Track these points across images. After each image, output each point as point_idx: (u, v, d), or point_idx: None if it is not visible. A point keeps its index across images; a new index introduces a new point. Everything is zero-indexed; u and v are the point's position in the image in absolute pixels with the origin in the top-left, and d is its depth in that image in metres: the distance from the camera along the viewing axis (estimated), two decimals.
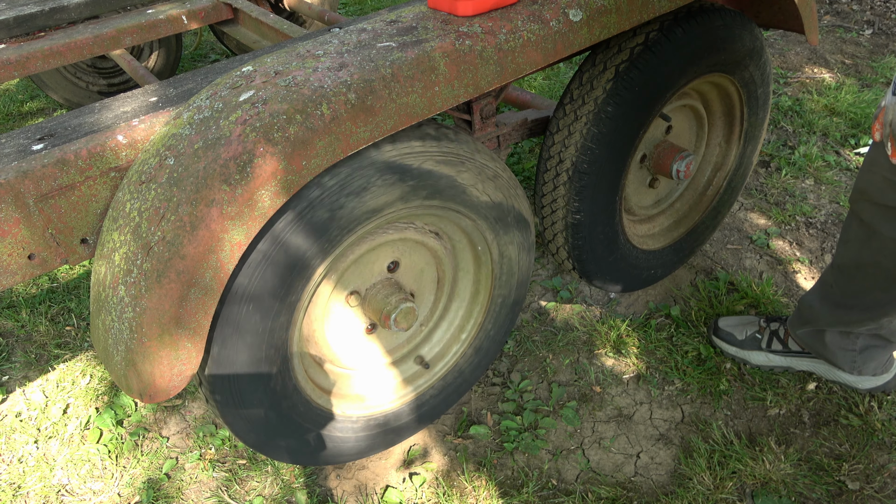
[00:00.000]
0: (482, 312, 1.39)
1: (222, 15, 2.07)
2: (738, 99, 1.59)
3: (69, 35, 1.78)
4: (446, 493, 1.38)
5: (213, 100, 0.93)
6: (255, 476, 1.44)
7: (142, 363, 0.90)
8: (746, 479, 1.37)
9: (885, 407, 1.48)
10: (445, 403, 1.45)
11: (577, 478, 1.40)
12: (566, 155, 1.38)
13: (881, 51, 3.05)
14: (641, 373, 1.61)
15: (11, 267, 0.92)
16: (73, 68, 2.64)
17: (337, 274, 1.15)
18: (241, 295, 0.96)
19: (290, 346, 1.10)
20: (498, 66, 1.02)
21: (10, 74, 1.67)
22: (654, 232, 1.74)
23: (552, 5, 1.07)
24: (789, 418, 1.49)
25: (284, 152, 0.86)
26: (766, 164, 2.31)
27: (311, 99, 0.88)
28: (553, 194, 1.43)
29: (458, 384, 1.44)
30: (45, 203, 0.92)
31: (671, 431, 1.48)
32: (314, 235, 0.98)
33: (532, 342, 1.71)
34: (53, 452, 1.52)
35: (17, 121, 2.95)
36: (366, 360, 1.34)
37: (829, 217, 2.06)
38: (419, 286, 1.33)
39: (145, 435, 1.55)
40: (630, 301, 1.81)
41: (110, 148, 0.96)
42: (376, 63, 0.93)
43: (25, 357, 1.77)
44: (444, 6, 1.06)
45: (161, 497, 1.41)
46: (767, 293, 1.77)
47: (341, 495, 1.40)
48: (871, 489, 1.33)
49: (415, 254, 1.29)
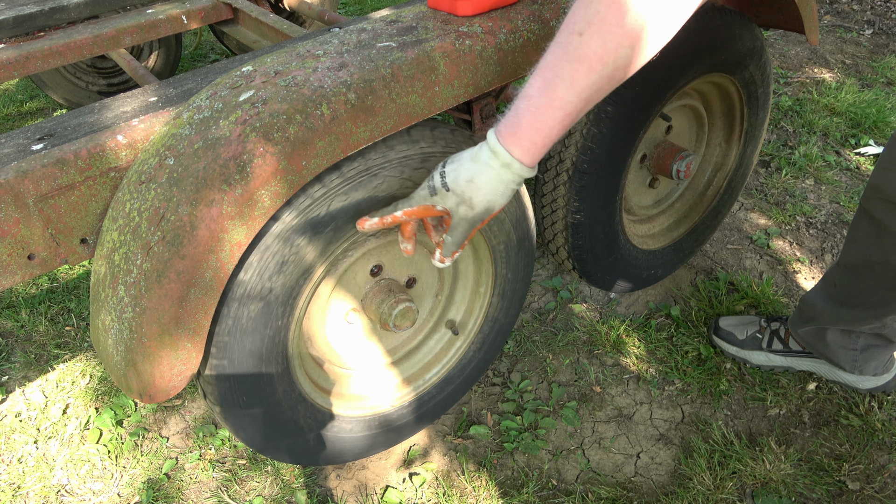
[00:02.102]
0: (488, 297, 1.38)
1: (222, 15, 2.07)
2: (738, 99, 1.59)
3: (69, 35, 1.78)
4: (446, 493, 1.38)
5: (212, 100, 0.93)
6: (255, 476, 1.44)
7: (142, 363, 0.90)
8: (746, 479, 1.37)
9: (885, 407, 1.48)
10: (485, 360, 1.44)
11: (577, 478, 1.40)
12: (566, 155, 1.38)
13: (881, 51, 3.05)
14: (641, 373, 1.61)
15: (11, 267, 0.92)
16: (72, 68, 2.64)
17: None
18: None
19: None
20: (498, 66, 1.02)
21: (10, 74, 1.67)
22: (654, 232, 1.74)
23: (552, 5, 1.07)
24: (789, 418, 1.49)
25: (284, 152, 0.85)
26: (766, 164, 2.31)
27: (311, 99, 0.87)
28: (553, 194, 1.43)
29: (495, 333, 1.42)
30: (45, 203, 0.92)
31: (671, 431, 1.48)
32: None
33: (532, 342, 1.71)
34: (53, 452, 1.52)
35: (17, 121, 2.95)
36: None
37: (829, 217, 2.05)
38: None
39: (145, 435, 1.54)
40: (630, 301, 1.81)
41: (110, 148, 0.96)
42: (376, 63, 0.93)
43: (25, 357, 1.77)
44: (444, 6, 1.06)
45: (161, 497, 1.41)
46: (767, 293, 1.77)
47: (341, 495, 1.40)
48: (871, 489, 1.33)
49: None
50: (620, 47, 0.73)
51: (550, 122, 0.78)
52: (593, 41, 0.73)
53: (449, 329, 1.38)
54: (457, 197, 0.88)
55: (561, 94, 0.76)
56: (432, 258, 0.98)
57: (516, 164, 0.83)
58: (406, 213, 0.95)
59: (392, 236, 1.18)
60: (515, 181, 0.85)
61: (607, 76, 0.75)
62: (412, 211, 0.94)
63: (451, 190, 0.88)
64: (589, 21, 0.73)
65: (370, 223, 0.98)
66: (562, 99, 0.77)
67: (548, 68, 0.77)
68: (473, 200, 0.88)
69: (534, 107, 0.79)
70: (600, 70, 0.74)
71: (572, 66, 0.75)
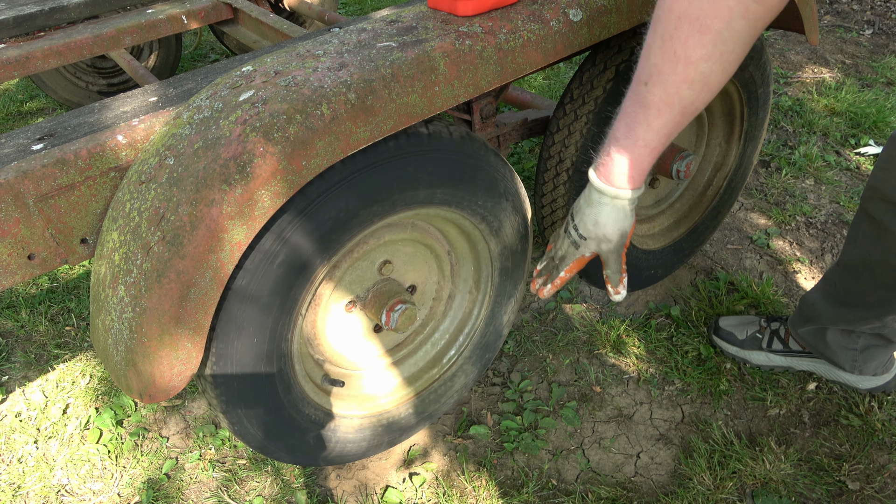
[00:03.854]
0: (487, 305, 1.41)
1: (222, 15, 2.07)
2: (738, 99, 1.59)
3: (69, 35, 1.78)
4: (446, 493, 1.38)
5: (212, 100, 0.93)
6: (255, 476, 1.44)
7: (142, 363, 0.90)
8: (746, 479, 1.37)
9: (885, 407, 1.48)
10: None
11: (577, 478, 1.40)
12: (566, 155, 1.38)
13: (881, 51, 3.05)
14: (641, 373, 1.61)
15: (11, 267, 0.92)
16: (72, 68, 2.64)
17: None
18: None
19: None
20: (498, 66, 1.02)
21: (10, 74, 1.67)
22: (654, 232, 1.74)
23: (552, 5, 1.07)
24: (789, 418, 1.49)
25: (284, 152, 0.85)
26: (766, 164, 2.31)
27: (311, 99, 0.87)
28: (553, 194, 1.43)
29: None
30: (45, 203, 0.92)
31: (671, 431, 1.48)
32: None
33: (532, 342, 1.71)
34: (53, 452, 1.52)
35: (17, 121, 2.95)
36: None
37: (829, 217, 2.05)
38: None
39: (145, 435, 1.54)
40: (630, 301, 1.81)
41: (110, 148, 0.96)
42: (376, 63, 0.93)
43: (25, 357, 1.77)
44: (444, 6, 1.06)
45: (161, 497, 1.41)
46: (767, 293, 1.77)
47: (341, 495, 1.40)
48: (871, 489, 1.33)
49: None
50: (681, 90, 0.81)
51: (639, 158, 0.90)
52: (657, 90, 0.82)
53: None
54: (594, 240, 1.01)
55: (641, 134, 0.87)
56: (610, 296, 1.09)
57: (622, 192, 0.94)
58: (568, 272, 1.08)
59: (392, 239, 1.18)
60: (629, 204, 0.97)
61: (678, 113, 0.84)
62: (571, 267, 1.07)
63: (587, 237, 1.01)
64: (650, 73, 0.82)
65: (547, 290, 1.11)
66: (643, 139, 0.88)
67: (626, 114, 0.88)
68: (607, 235, 0.99)
69: (623, 148, 0.90)
70: (669, 112, 0.84)
71: (645, 111, 0.85)
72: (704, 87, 0.81)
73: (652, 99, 0.83)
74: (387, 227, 1.17)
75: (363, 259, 1.20)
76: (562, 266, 1.08)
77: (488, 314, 1.41)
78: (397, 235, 1.21)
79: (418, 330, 1.42)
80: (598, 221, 0.98)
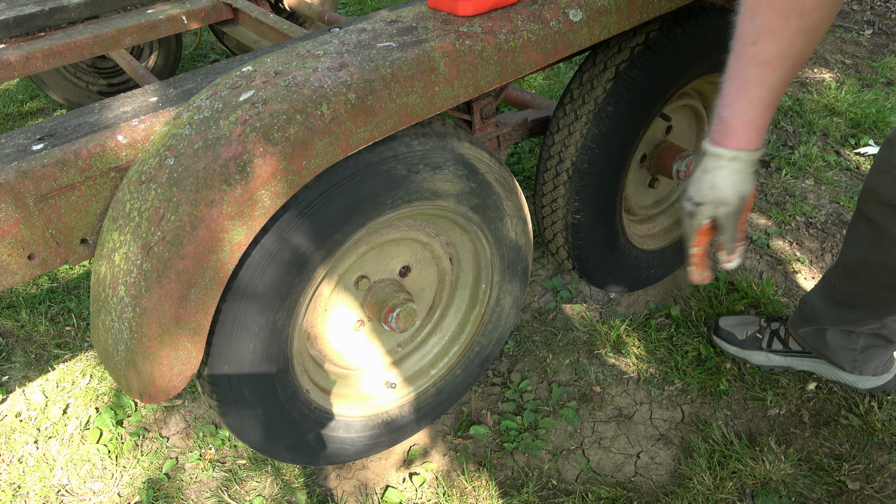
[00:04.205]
0: (457, 355, 1.42)
1: (222, 15, 2.07)
2: None
3: (69, 35, 1.78)
4: (446, 493, 1.38)
5: (213, 100, 0.93)
6: (255, 476, 1.44)
7: (142, 363, 0.90)
8: (746, 479, 1.37)
9: (885, 407, 1.48)
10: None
11: (577, 478, 1.40)
12: (566, 155, 1.38)
13: (881, 51, 3.05)
14: (641, 373, 1.61)
15: (11, 267, 0.92)
16: (73, 68, 2.64)
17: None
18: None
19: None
20: (498, 66, 1.02)
21: (10, 74, 1.67)
22: (654, 232, 1.74)
23: (552, 5, 1.07)
24: (789, 418, 1.49)
25: (284, 152, 0.86)
26: (766, 164, 2.31)
27: (311, 99, 0.87)
28: (553, 194, 1.43)
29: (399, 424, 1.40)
30: (45, 203, 0.92)
31: (671, 431, 1.48)
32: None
33: (532, 342, 1.71)
34: (53, 452, 1.52)
35: (17, 121, 2.96)
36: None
37: (829, 217, 2.06)
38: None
39: (145, 435, 1.55)
40: (630, 301, 1.81)
41: (110, 148, 0.96)
42: (376, 63, 0.93)
43: (25, 357, 1.77)
44: (444, 6, 1.06)
45: (161, 497, 1.41)
46: (767, 293, 1.77)
47: (341, 495, 1.40)
48: (871, 489, 1.33)
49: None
50: (795, 42, 0.83)
51: (756, 116, 0.90)
52: (769, 46, 0.84)
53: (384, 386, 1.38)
54: (711, 204, 0.98)
55: (756, 93, 0.88)
56: (720, 263, 1.06)
57: (742, 154, 0.92)
58: (695, 247, 1.04)
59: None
60: (749, 165, 0.94)
61: (791, 67, 0.86)
62: (696, 242, 1.04)
63: (703, 203, 0.98)
64: (758, 32, 0.84)
65: (695, 275, 1.08)
66: (758, 97, 0.88)
67: (736, 77, 0.89)
68: (725, 198, 0.97)
69: (737, 111, 0.90)
70: (782, 66, 0.85)
71: (758, 70, 0.86)
72: (815, 35, 0.83)
73: (764, 56, 0.85)
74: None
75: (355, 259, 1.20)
76: (688, 246, 1.05)
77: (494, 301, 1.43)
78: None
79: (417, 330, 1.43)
80: (714, 185, 0.96)
